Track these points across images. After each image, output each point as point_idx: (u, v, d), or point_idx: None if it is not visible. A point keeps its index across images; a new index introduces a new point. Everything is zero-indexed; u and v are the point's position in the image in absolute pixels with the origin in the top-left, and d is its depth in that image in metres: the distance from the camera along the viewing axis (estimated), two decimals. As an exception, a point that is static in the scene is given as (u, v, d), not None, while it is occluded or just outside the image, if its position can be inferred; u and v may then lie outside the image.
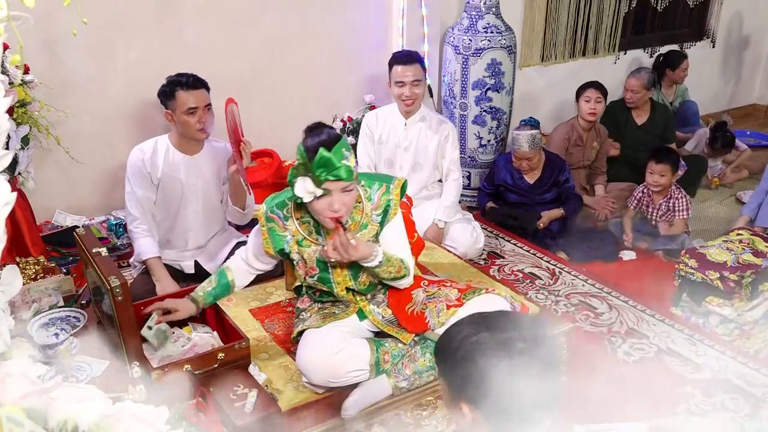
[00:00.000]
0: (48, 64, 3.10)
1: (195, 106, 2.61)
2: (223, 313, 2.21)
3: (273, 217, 2.07)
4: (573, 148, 3.96)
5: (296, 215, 2.06)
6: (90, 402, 0.79)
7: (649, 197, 3.66)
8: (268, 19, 3.67)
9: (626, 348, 2.72)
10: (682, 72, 4.82)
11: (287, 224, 2.06)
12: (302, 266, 2.10)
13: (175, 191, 2.76)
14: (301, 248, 2.06)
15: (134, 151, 2.73)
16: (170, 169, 2.73)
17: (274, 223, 2.07)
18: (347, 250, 1.89)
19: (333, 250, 1.91)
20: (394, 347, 2.08)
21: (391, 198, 2.08)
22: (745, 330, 2.78)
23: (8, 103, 0.79)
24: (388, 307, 2.17)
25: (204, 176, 2.79)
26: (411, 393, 2.07)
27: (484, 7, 3.85)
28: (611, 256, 3.53)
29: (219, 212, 2.92)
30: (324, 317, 2.12)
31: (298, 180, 1.88)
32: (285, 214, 2.07)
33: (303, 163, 1.87)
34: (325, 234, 2.05)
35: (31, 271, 2.62)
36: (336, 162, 1.85)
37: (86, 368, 1.97)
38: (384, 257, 1.98)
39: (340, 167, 1.85)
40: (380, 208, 2.08)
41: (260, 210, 2.09)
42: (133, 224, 2.73)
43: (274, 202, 2.09)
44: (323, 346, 2.00)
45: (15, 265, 0.98)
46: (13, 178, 2.73)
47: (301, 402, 2.00)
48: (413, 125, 3.30)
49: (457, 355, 1.18)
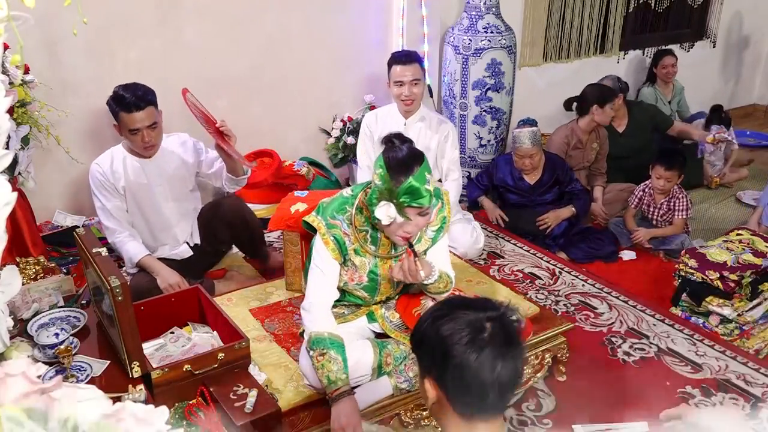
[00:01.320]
0: (48, 64, 3.10)
1: (137, 128, 2.59)
2: (223, 313, 2.21)
3: (335, 223, 2.00)
4: (573, 151, 3.95)
5: (357, 223, 2.02)
6: (90, 402, 0.78)
7: (651, 197, 3.66)
8: (268, 19, 3.67)
9: (626, 348, 2.72)
10: (663, 69, 4.79)
11: (349, 231, 2.01)
12: (350, 273, 2.06)
13: (145, 195, 2.77)
14: (355, 256, 2.04)
15: (92, 167, 2.72)
16: (133, 176, 2.73)
17: (337, 229, 2.00)
18: (414, 275, 1.90)
19: (399, 271, 1.92)
20: (396, 349, 2.08)
21: (445, 215, 2.09)
22: (745, 330, 2.79)
23: (8, 103, 0.79)
24: (396, 311, 2.17)
25: (167, 174, 2.80)
26: (411, 393, 2.07)
27: (484, 7, 3.85)
28: (611, 256, 3.53)
29: (192, 200, 2.97)
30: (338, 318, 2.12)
31: (382, 204, 1.84)
32: (347, 220, 2.02)
33: (389, 188, 1.82)
34: (379, 245, 2.04)
35: (31, 271, 2.62)
36: (423, 191, 1.81)
37: (86, 368, 1.97)
38: (439, 274, 2.00)
39: (425, 196, 1.82)
40: (436, 225, 2.07)
41: (315, 220, 2.03)
42: (113, 236, 2.73)
43: (331, 208, 2.02)
44: None
45: (15, 265, 0.98)
46: (13, 178, 2.72)
47: (301, 402, 2.00)
48: (413, 125, 3.30)
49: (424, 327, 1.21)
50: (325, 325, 1.98)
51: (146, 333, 2.04)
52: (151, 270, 2.69)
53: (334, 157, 4.07)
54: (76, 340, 2.06)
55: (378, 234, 2.03)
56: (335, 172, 4.10)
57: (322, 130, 4.07)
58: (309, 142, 4.02)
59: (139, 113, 2.56)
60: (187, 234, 2.93)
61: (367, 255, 2.04)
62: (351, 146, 3.90)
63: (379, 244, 2.04)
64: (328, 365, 1.89)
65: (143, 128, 2.59)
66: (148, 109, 2.57)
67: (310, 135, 4.04)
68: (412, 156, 1.84)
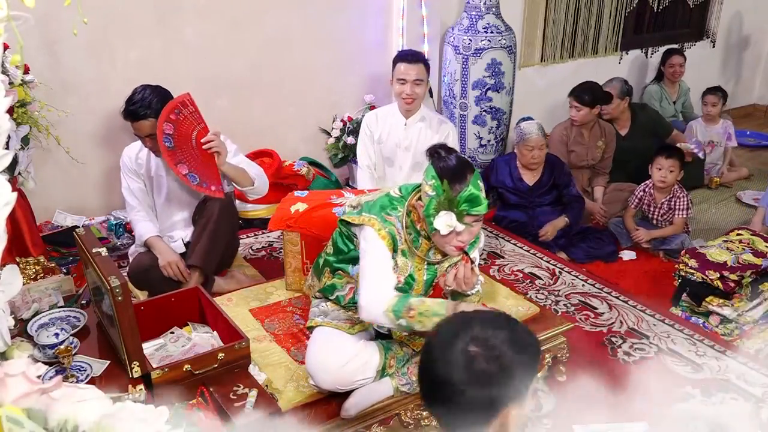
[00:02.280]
0: (48, 64, 3.10)
1: (138, 135, 2.70)
2: (223, 313, 2.21)
3: (390, 219, 1.97)
4: (575, 146, 3.93)
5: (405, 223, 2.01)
6: (90, 402, 0.78)
7: (651, 196, 3.66)
8: (269, 19, 3.67)
9: (626, 348, 2.72)
10: (670, 68, 4.81)
11: (400, 229, 1.99)
12: None
13: (161, 187, 2.85)
14: (401, 256, 2.00)
15: (125, 150, 2.86)
16: (154, 168, 2.83)
17: (392, 225, 1.97)
18: (469, 283, 1.90)
19: (453, 279, 1.91)
20: (399, 351, 2.08)
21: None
22: (745, 330, 2.79)
23: (8, 103, 0.79)
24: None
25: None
26: (411, 394, 2.07)
27: (484, 7, 3.85)
28: (611, 256, 3.53)
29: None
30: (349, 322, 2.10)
31: (442, 215, 1.82)
32: (399, 220, 1.99)
33: (448, 198, 1.81)
34: (420, 250, 2.01)
35: (31, 271, 2.62)
36: (481, 198, 1.82)
37: (86, 368, 1.96)
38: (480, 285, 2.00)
39: (483, 203, 1.83)
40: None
41: (368, 217, 1.96)
42: (131, 213, 2.88)
43: (383, 206, 1.99)
44: (335, 354, 1.99)
45: (15, 265, 0.98)
46: (13, 178, 2.72)
47: (301, 402, 2.00)
48: (413, 125, 3.30)
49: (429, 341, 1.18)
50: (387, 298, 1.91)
51: (146, 333, 2.04)
52: (154, 249, 2.78)
53: (334, 157, 4.07)
54: (76, 340, 2.05)
55: (420, 240, 2.00)
56: (335, 172, 4.10)
57: (322, 130, 4.07)
58: (309, 142, 4.02)
59: (137, 123, 2.64)
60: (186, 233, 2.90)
61: (412, 258, 2.01)
62: (351, 146, 3.90)
63: (419, 248, 2.02)
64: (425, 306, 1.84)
65: (143, 136, 2.67)
66: (147, 121, 2.62)
67: (310, 135, 4.05)
68: (464, 164, 1.86)
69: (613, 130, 4.04)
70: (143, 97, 2.63)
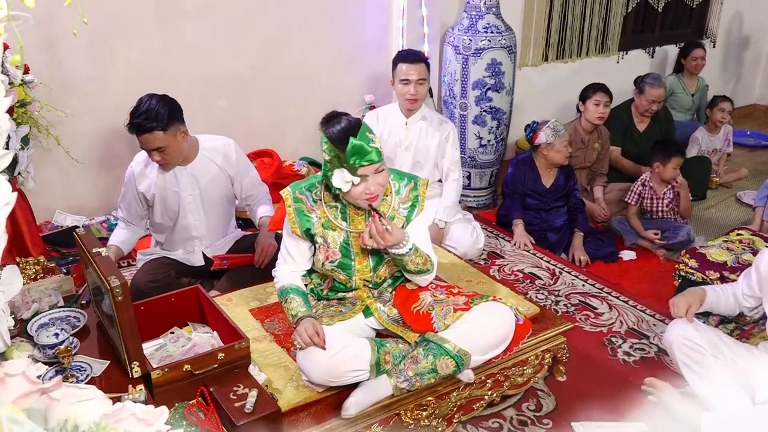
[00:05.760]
0: (48, 64, 3.10)
1: (144, 148, 2.60)
2: (223, 313, 2.21)
3: (301, 198, 2.11)
4: (576, 152, 3.94)
5: (325, 199, 2.11)
6: (90, 402, 0.78)
7: (651, 189, 3.66)
8: (268, 19, 3.67)
9: (626, 348, 2.72)
10: (692, 61, 4.84)
11: (315, 207, 2.10)
12: (324, 250, 2.12)
13: (173, 203, 2.74)
14: (326, 231, 2.10)
15: (133, 161, 2.77)
16: (165, 181, 2.71)
17: (302, 204, 2.10)
18: (383, 237, 1.96)
19: (369, 237, 1.98)
20: (395, 348, 2.08)
21: (418, 194, 2.15)
22: (745, 330, 2.78)
23: (8, 103, 0.79)
24: (394, 306, 2.17)
25: (201, 185, 2.74)
26: (411, 393, 2.07)
27: (484, 7, 3.85)
28: (611, 256, 3.54)
29: (224, 218, 2.90)
30: (331, 316, 2.13)
31: (335, 173, 1.93)
32: (314, 197, 2.11)
33: (336, 156, 1.92)
34: (350, 220, 2.10)
35: (31, 271, 2.62)
36: (367, 147, 1.90)
37: (86, 368, 1.97)
38: (413, 246, 2.04)
39: (371, 151, 1.91)
40: (408, 203, 2.14)
41: (285, 192, 2.12)
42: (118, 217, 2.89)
43: (302, 185, 2.14)
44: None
45: (15, 265, 0.98)
46: (13, 178, 2.72)
47: (301, 402, 2.00)
48: (414, 124, 3.30)
49: None
50: (287, 280, 2.16)
51: (146, 333, 2.04)
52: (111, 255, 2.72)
53: (334, 157, 4.06)
54: (76, 340, 2.06)
55: (348, 209, 2.09)
56: (335, 172, 4.09)
57: (322, 130, 4.07)
58: (309, 142, 4.02)
59: (143, 136, 2.52)
60: (207, 246, 2.85)
61: (338, 230, 2.10)
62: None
63: (350, 220, 2.10)
64: (290, 305, 2.08)
65: (149, 150, 2.58)
66: (153, 134, 2.50)
67: (310, 135, 4.04)
68: (350, 123, 1.94)
69: (608, 132, 4.06)
70: (149, 108, 2.48)
